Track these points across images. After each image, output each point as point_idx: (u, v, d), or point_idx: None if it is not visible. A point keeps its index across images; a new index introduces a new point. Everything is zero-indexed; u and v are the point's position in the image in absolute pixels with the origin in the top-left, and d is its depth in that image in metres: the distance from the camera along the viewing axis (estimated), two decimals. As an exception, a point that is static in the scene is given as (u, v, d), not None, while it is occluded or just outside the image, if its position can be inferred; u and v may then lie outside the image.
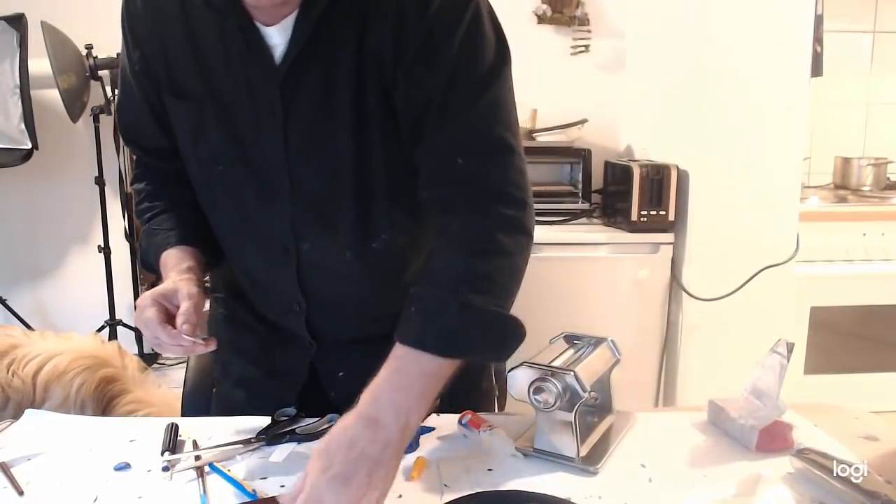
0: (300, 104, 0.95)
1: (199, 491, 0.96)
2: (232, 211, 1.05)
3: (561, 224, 2.30)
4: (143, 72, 1.02)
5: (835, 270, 2.50)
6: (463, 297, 0.85)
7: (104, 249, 3.33)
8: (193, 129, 1.01)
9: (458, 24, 0.90)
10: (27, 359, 1.65)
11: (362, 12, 0.91)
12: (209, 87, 0.98)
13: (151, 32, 1.00)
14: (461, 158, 0.91)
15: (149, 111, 1.05)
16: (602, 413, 1.15)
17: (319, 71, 0.94)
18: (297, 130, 0.96)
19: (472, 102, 0.92)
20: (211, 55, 0.97)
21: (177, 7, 0.97)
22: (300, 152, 0.97)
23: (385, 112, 0.94)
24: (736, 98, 2.05)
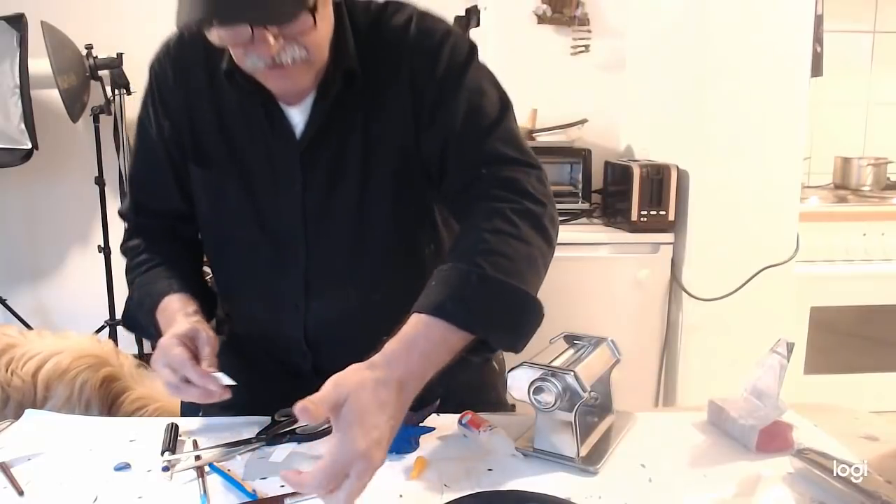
0: (318, 176, 1.05)
1: (199, 491, 0.96)
2: (244, 272, 1.12)
3: (561, 224, 2.30)
4: (172, 140, 1.09)
5: (835, 270, 2.50)
6: (482, 270, 0.88)
7: (104, 249, 3.33)
8: (214, 195, 1.09)
9: (465, 70, 1.05)
10: (26, 357, 1.65)
11: (374, 86, 1.02)
12: (232, 158, 1.06)
13: (181, 103, 1.07)
14: (485, 169, 0.99)
15: (173, 177, 1.11)
16: (602, 413, 1.15)
17: (335, 144, 1.04)
18: (314, 200, 1.05)
19: (490, 132, 1.03)
20: (235, 128, 1.05)
21: (205, 81, 1.05)
22: (317, 221, 1.06)
23: (399, 168, 1.04)
24: (736, 98, 2.05)
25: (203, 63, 1.05)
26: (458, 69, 1.04)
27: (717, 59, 2.04)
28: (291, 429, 1.12)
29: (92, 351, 1.69)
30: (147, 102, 1.12)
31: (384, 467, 1.03)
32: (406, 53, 1.03)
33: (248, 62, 0.95)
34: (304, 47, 0.94)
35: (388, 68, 1.03)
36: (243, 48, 0.93)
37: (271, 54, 0.92)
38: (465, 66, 1.05)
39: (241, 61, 0.96)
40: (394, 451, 1.06)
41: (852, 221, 2.52)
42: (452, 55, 1.04)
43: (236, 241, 1.11)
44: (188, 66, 1.07)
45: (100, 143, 3.26)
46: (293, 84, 0.99)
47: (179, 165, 1.11)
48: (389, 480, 0.99)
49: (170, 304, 1.05)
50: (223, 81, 1.03)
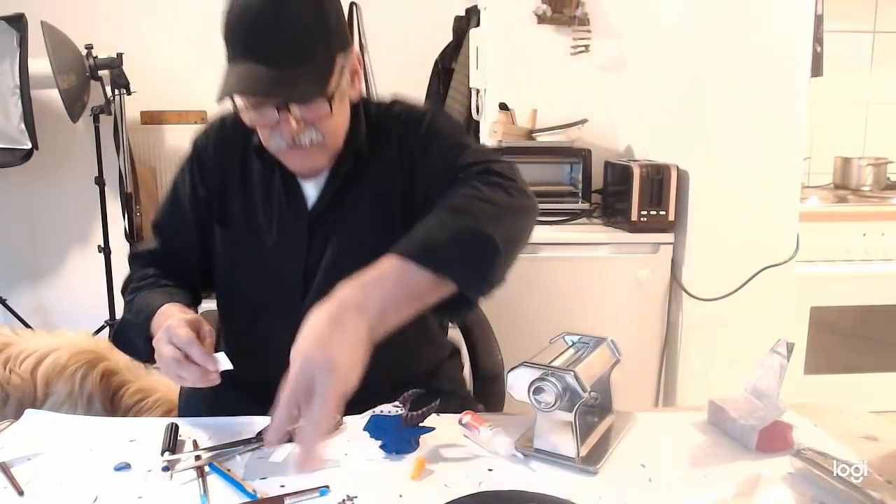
0: (321, 240, 1.21)
1: (199, 491, 0.96)
2: (249, 318, 1.23)
3: (561, 224, 2.30)
4: (204, 203, 1.26)
5: (835, 270, 2.50)
6: (439, 216, 0.99)
7: (104, 249, 3.33)
8: (229, 250, 1.25)
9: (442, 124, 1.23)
10: (23, 355, 1.66)
11: (378, 164, 1.21)
12: (249, 220, 1.23)
13: (217, 173, 1.25)
14: (461, 173, 1.12)
15: (196, 235, 1.28)
16: (602, 413, 1.15)
17: (341, 215, 1.21)
18: (314, 262, 1.21)
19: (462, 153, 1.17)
20: (256, 194, 1.23)
21: (238, 156, 1.24)
22: (317, 279, 1.20)
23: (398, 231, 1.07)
24: (736, 98, 2.05)
25: (239, 142, 1.24)
26: (435, 125, 1.21)
27: (717, 58, 2.04)
28: (291, 428, 1.12)
29: (88, 346, 1.70)
30: (185, 168, 1.29)
31: (384, 467, 1.04)
32: (397, 126, 1.22)
33: (272, 142, 1.12)
34: (321, 132, 1.12)
35: (387, 145, 1.21)
36: (269, 129, 1.11)
37: (292, 135, 1.09)
38: (439, 122, 1.22)
39: (267, 141, 1.14)
40: (394, 451, 1.07)
41: (852, 221, 2.52)
42: (432, 118, 1.22)
43: (244, 293, 1.26)
44: (226, 144, 1.25)
45: (100, 143, 3.26)
46: (309, 164, 1.17)
47: (205, 225, 1.27)
48: (389, 480, 0.99)
49: (170, 309, 1.13)
50: (252, 156, 1.22)
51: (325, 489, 0.96)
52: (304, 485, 0.97)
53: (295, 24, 1.05)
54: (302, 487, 0.96)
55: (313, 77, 1.08)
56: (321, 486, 0.96)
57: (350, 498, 0.95)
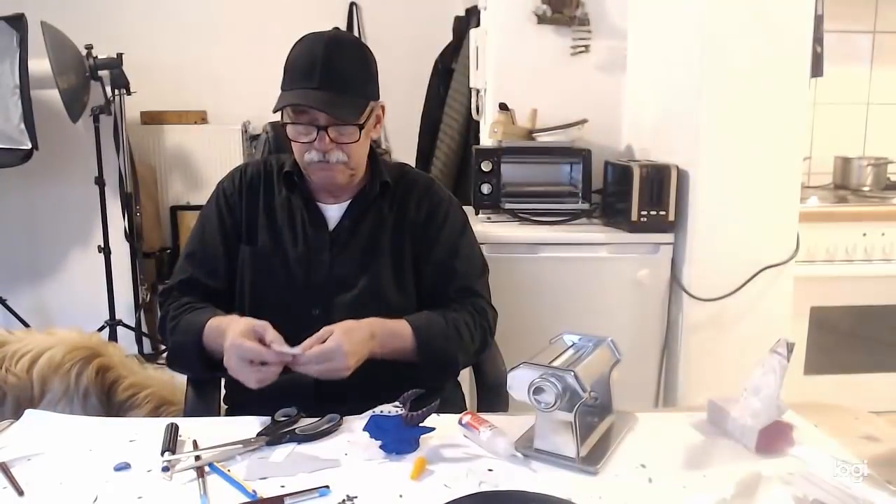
0: (341, 253, 1.43)
1: (199, 491, 0.96)
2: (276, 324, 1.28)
3: (561, 224, 2.30)
4: (232, 228, 1.46)
5: (835, 270, 2.50)
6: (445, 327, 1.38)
7: (104, 249, 3.33)
8: (257, 264, 1.43)
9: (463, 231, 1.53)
10: (18, 354, 1.67)
11: (397, 208, 1.46)
12: (274, 237, 1.44)
13: (242, 204, 1.47)
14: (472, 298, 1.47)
15: (224, 254, 1.45)
16: (602, 413, 1.15)
17: (360, 236, 1.44)
18: (337, 272, 1.42)
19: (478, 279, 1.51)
20: (280, 216, 1.45)
21: (262, 190, 1.47)
22: (338, 289, 1.41)
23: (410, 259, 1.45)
24: (736, 98, 2.05)
25: (261, 182, 1.48)
26: (458, 231, 1.50)
27: (717, 59, 2.03)
28: (291, 429, 1.12)
29: (83, 343, 1.71)
30: (212, 205, 1.48)
31: (384, 467, 1.04)
32: (417, 190, 1.49)
33: (307, 156, 1.36)
34: (346, 154, 1.36)
35: (407, 199, 1.47)
36: (306, 146, 1.35)
37: (325, 151, 1.34)
38: (463, 230, 1.51)
39: (301, 154, 1.37)
40: (394, 451, 1.07)
41: (852, 221, 2.52)
42: (453, 217, 1.50)
43: (272, 302, 1.41)
44: (250, 183, 1.48)
45: (100, 143, 3.26)
46: (331, 179, 1.39)
47: (233, 248, 1.45)
48: (389, 480, 1.00)
49: (217, 320, 1.30)
50: (274, 191, 1.47)
51: (325, 489, 0.96)
52: (304, 485, 0.97)
53: (346, 66, 1.35)
54: (302, 487, 0.96)
55: (353, 107, 1.35)
56: (321, 486, 0.97)
57: (350, 498, 0.95)
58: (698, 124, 2.08)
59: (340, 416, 1.17)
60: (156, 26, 3.84)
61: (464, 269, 1.48)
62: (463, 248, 1.50)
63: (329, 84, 1.32)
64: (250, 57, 3.80)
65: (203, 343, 1.30)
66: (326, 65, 1.32)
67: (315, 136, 1.33)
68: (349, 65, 1.36)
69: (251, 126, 3.83)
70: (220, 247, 1.45)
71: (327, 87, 1.31)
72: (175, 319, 1.38)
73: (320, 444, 1.11)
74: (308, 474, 1.01)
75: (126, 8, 3.80)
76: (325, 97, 1.31)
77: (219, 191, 1.50)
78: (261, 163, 1.52)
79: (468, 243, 1.52)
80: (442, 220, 1.48)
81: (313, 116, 1.32)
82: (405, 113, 3.64)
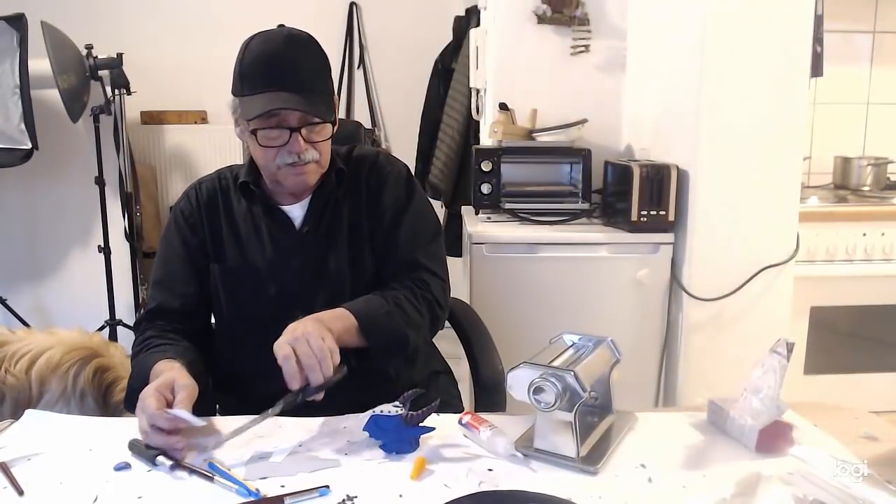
0: (314, 256, 1.41)
1: (198, 491, 0.96)
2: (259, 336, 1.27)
3: (561, 224, 2.30)
4: (197, 248, 1.42)
5: (835, 270, 2.50)
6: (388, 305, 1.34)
7: (104, 249, 3.33)
8: (229, 281, 1.41)
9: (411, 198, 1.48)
10: (18, 355, 1.66)
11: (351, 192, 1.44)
12: (241, 250, 1.41)
13: (203, 222, 1.44)
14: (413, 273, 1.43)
15: (193, 276, 1.42)
16: (602, 413, 1.15)
17: (325, 230, 1.41)
18: (309, 271, 1.40)
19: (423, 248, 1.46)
20: (242, 228, 1.43)
21: (220, 204, 1.45)
22: (311, 286, 1.39)
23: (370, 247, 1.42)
24: (736, 98, 2.05)
25: (218, 197, 1.45)
26: (403, 200, 1.46)
27: (717, 59, 2.03)
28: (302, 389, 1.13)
29: (82, 343, 1.71)
30: (172, 229, 1.45)
31: (384, 467, 1.04)
32: (365, 168, 1.46)
33: (278, 159, 1.33)
34: (319, 152, 1.35)
35: (357, 180, 1.45)
36: (277, 149, 1.32)
37: (299, 152, 1.31)
38: (409, 198, 1.47)
39: (271, 160, 1.34)
40: (394, 451, 1.07)
41: (852, 221, 2.52)
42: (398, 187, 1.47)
43: (250, 314, 1.39)
44: (208, 200, 1.45)
45: (100, 143, 3.26)
46: (304, 180, 1.36)
47: (201, 267, 1.42)
48: (389, 480, 1.00)
49: (162, 366, 1.23)
50: (232, 203, 1.44)
51: (325, 489, 0.96)
52: (304, 485, 0.97)
53: (309, 64, 1.34)
54: (302, 487, 0.96)
55: (325, 104, 1.34)
56: (321, 486, 0.97)
57: (350, 498, 0.95)
58: (698, 124, 2.08)
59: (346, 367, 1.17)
60: (156, 26, 3.84)
61: (406, 239, 1.43)
62: (407, 217, 1.45)
63: (300, 85, 1.30)
64: (250, 57, 3.80)
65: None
66: (293, 65, 1.31)
67: (288, 138, 1.31)
68: (312, 62, 1.34)
69: (251, 126, 3.82)
70: (188, 269, 1.42)
71: (298, 89, 1.29)
72: (134, 359, 1.35)
73: (320, 444, 1.11)
74: (308, 474, 1.01)
75: (126, 8, 3.80)
76: (299, 99, 1.29)
77: (176, 213, 1.46)
78: (215, 178, 1.49)
79: (415, 211, 1.46)
80: (389, 192, 1.45)
81: (283, 119, 1.30)
82: (405, 113, 3.64)
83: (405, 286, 1.39)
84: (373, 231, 1.43)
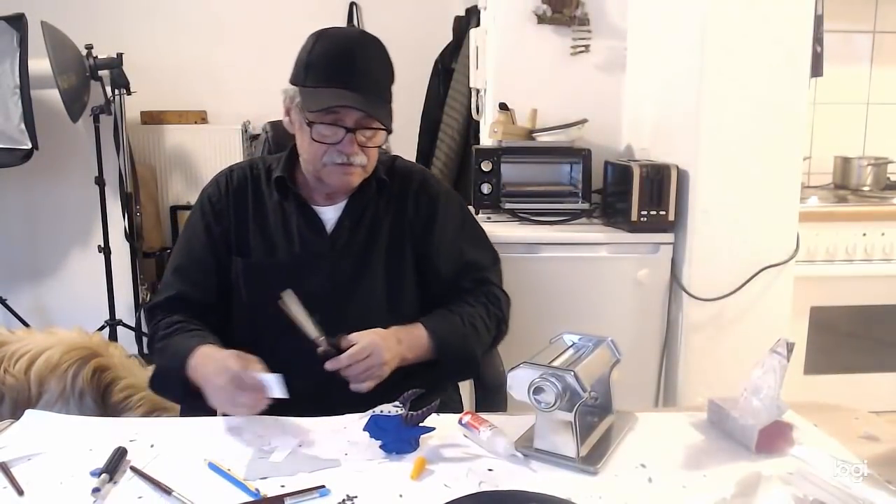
0: (343, 262, 1.39)
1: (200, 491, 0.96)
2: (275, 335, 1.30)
3: (561, 224, 2.30)
4: (221, 239, 1.39)
5: (835, 270, 2.50)
6: (459, 324, 1.37)
7: (104, 249, 3.33)
8: (251, 276, 1.38)
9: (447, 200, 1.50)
10: (17, 355, 1.66)
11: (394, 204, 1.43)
12: (267, 245, 1.38)
13: (230, 211, 1.41)
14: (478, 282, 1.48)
15: (215, 268, 1.39)
16: (602, 413, 1.15)
17: (360, 236, 1.40)
18: (338, 276, 1.38)
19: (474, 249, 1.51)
20: (272, 223, 1.39)
21: (251, 195, 1.42)
22: (339, 295, 1.37)
23: (411, 259, 1.43)
24: (736, 98, 2.05)
25: (249, 186, 1.42)
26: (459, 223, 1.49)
27: (717, 59, 2.03)
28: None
29: (82, 343, 1.70)
30: (197, 215, 1.42)
31: (384, 467, 1.04)
32: (414, 184, 1.46)
33: (326, 157, 1.32)
34: (368, 157, 1.34)
35: (403, 193, 1.44)
36: (327, 147, 1.30)
37: (350, 153, 1.30)
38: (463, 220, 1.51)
39: (318, 157, 1.32)
40: (394, 451, 1.07)
41: (852, 221, 2.52)
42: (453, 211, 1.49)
43: (270, 313, 1.31)
44: (238, 188, 1.42)
45: (100, 143, 3.26)
46: (347, 181, 1.36)
47: (223, 260, 1.39)
48: (389, 480, 1.00)
49: (207, 349, 1.24)
50: (263, 195, 1.41)
51: (325, 489, 0.96)
52: (304, 485, 0.97)
53: (379, 68, 1.34)
54: (302, 487, 0.96)
55: (386, 112, 1.33)
56: (321, 485, 0.97)
57: (350, 498, 0.95)
58: (698, 124, 2.08)
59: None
60: (156, 26, 3.84)
61: (474, 258, 1.47)
62: (469, 238, 1.49)
63: (366, 87, 1.29)
64: (250, 57, 3.80)
65: (187, 370, 1.24)
66: (365, 66, 1.30)
67: (342, 137, 1.30)
68: (382, 67, 1.34)
69: (251, 126, 3.83)
70: (210, 259, 1.40)
71: (364, 90, 1.28)
72: (163, 340, 1.33)
73: (320, 444, 1.11)
74: (308, 474, 1.01)
75: (126, 8, 3.80)
76: (365, 100, 1.28)
77: (203, 199, 1.44)
78: (246, 167, 1.46)
79: (474, 234, 1.51)
80: (443, 217, 1.46)
81: (341, 117, 1.29)
82: (405, 113, 3.62)
83: (479, 301, 1.42)
84: (422, 254, 1.43)
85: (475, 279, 1.45)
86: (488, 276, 1.48)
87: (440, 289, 1.45)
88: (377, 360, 1.22)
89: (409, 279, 1.43)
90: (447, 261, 1.44)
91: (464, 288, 1.44)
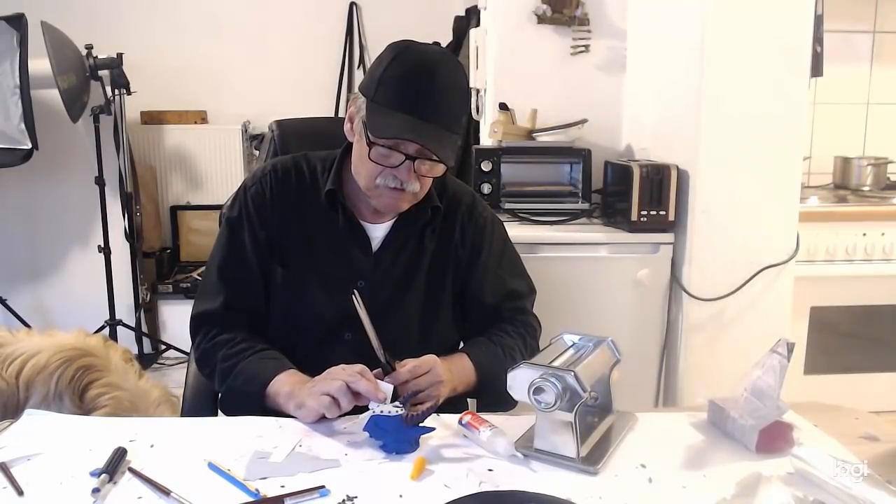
0: (382, 283, 1.36)
1: (200, 491, 0.96)
2: (311, 348, 1.32)
3: (561, 224, 2.30)
4: (265, 245, 1.36)
5: (835, 270, 2.50)
6: (501, 357, 1.36)
7: (104, 249, 3.33)
8: (292, 287, 1.35)
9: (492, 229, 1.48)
10: (10, 359, 1.64)
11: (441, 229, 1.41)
12: (311, 258, 1.35)
13: (275, 216, 1.36)
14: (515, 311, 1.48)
15: (259, 276, 1.36)
16: (602, 413, 1.15)
17: (402, 258, 1.38)
18: (380, 295, 1.35)
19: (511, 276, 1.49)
20: (317, 236, 1.36)
21: (295, 198, 1.37)
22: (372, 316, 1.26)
23: (450, 287, 1.42)
24: (736, 98, 2.05)
25: (294, 188, 1.38)
26: (501, 251, 1.48)
27: (717, 58, 2.03)
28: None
29: (72, 345, 1.67)
30: (241, 214, 1.37)
31: (384, 467, 1.04)
32: (461, 208, 1.43)
33: (379, 179, 1.26)
34: (421, 185, 1.29)
35: (450, 220, 1.41)
36: (383, 168, 1.25)
37: (405, 180, 1.25)
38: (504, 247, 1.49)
39: (372, 177, 1.27)
40: (394, 451, 1.07)
41: (852, 221, 2.52)
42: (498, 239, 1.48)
43: (308, 326, 1.35)
44: (283, 190, 1.37)
45: (100, 143, 3.26)
46: (397, 207, 1.32)
47: (266, 267, 1.36)
48: (389, 480, 1.00)
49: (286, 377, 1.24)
50: (308, 200, 1.36)
51: (324, 489, 0.96)
52: (304, 485, 0.97)
53: (455, 100, 1.27)
54: (302, 487, 0.96)
55: (452, 147, 1.28)
56: (321, 486, 0.97)
57: (350, 498, 0.95)
58: (698, 124, 2.08)
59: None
60: (156, 26, 3.84)
61: (515, 288, 1.47)
62: (508, 267, 1.48)
63: (437, 119, 1.23)
64: (250, 57, 3.81)
65: (266, 395, 1.24)
66: (441, 97, 1.23)
67: (400, 163, 1.24)
68: (458, 98, 1.28)
69: (251, 126, 3.83)
70: (256, 267, 1.36)
71: (434, 121, 1.22)
72: (228, 360, 1.31)
73: (320, 444, 1.11)
74: (308, 474, 1.01)
75: (126, 8, 3.81)
76: (433, 136, 1.22)
77: (247, 198, 1.38)
78: (291, 168, 1.39)
79: (513, 262, 1.51)
80: (488, 247, 1.45)
81: (403, 143, 1.23)
82: (405, 113, 3.64)
83: (518, 332, 1.43)
84: (463, 281, 1.43)
85: (513, 308, 1.46)
86: (525, 306, 1.48)
87: (480, 316, 1.45)
88: (436, 378, 1.20)
89: (445, 307, 1.42)
90: (490, 290, 1.44)
91: (503, 317, 1.44)
